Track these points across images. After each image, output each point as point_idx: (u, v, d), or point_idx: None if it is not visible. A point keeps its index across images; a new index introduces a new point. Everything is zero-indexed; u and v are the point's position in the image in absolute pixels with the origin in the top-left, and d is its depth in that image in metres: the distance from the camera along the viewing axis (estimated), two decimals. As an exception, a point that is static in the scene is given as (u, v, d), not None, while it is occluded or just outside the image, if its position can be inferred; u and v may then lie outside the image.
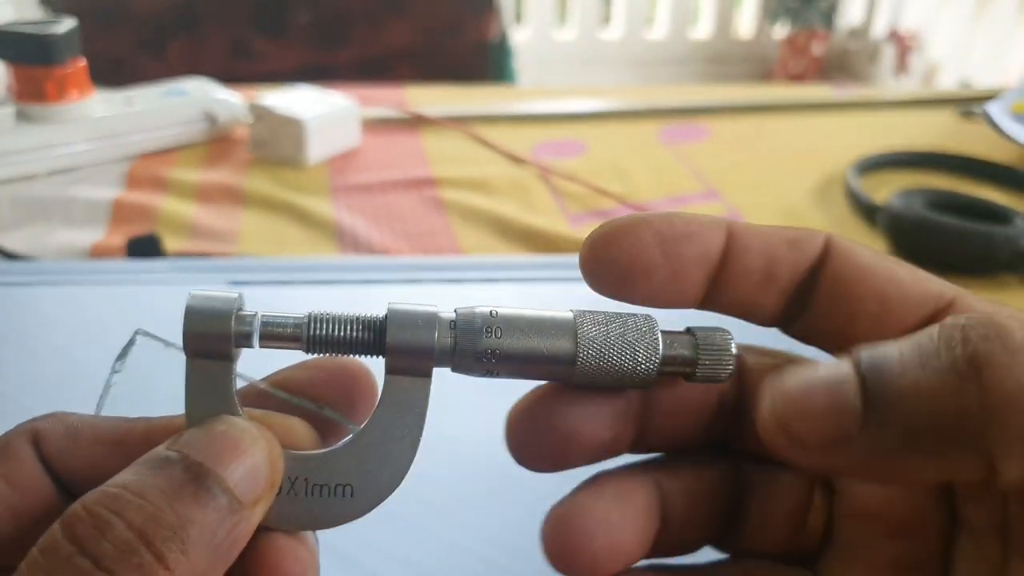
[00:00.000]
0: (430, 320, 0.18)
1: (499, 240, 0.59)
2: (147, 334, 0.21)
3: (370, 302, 0.47)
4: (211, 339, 0.18)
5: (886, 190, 0.61)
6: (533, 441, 0.19)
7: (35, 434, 0.19)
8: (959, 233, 0.53)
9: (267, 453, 0.17)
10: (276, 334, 0.18)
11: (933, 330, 0.16)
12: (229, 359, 0.18)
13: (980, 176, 0.71)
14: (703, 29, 2.93)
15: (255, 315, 0.18)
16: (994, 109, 0.77)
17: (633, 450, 0.21)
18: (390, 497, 0.18)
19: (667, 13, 2.86)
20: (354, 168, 0.69)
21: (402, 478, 0.18)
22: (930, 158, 0.73)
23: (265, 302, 0.19)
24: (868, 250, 0.19)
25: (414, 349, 0.18)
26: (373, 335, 0.18)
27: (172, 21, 1.29)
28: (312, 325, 0.18)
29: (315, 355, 0.19)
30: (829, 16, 2.76)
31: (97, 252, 0.55)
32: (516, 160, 0.72)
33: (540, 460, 0.20)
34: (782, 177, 0.71)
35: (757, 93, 0.92)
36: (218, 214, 0.61)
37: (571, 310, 0.19)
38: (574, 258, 0.19)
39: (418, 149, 0.73)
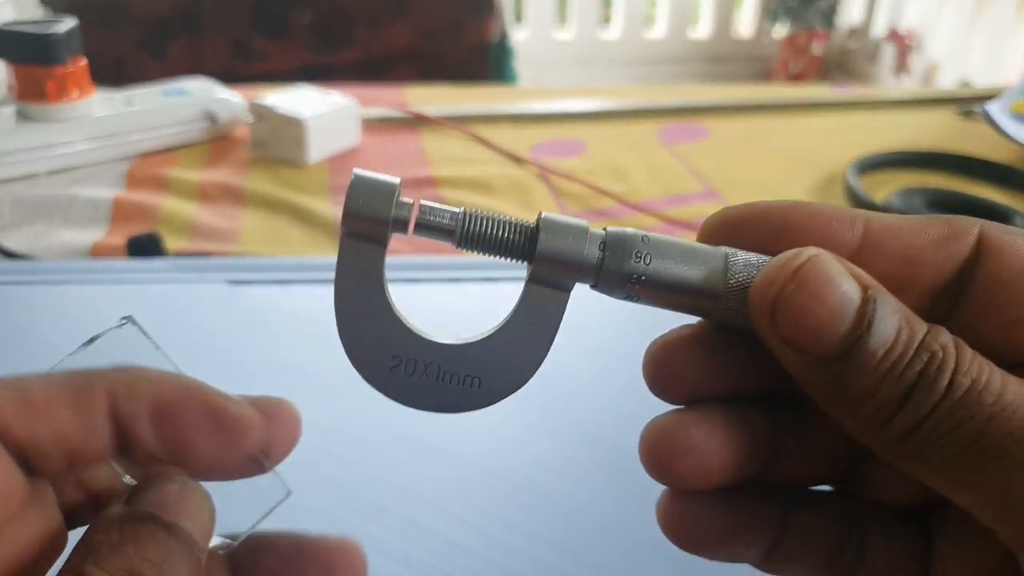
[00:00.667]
0: (581, 234, 0.18)
1: (499, 239, 0.59)
2: (138, 326, 0.20)
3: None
4: (370, 221, 0.18)
5: (886, 189, 0.61)
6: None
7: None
8: (958, 232, 0.53)
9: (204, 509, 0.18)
10: (432, 223, 0.18)
11: None
12: (383, 244, 0.18)
13: (979, 175, 0.71)
14: (703, 29, 2.93)
15: (412, 203, 0.18)
16: (993, 108, 0.77)
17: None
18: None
19: (667, 13, 2.86)
20: (354, 168, 0.69)
21: (527, 380, 0.19)
22: (930, 157, 0.73)
23: (266, 301, 0.19)
24: None
25: (561, 260, 0.18)
26: (524, 240, 0.18)
27: (173, 21, 1.29)
28: (467, 220, 0.18)
29: (465, 249, 0.19)
30: (829, 16, 2.76)
31: (98, 251, 0.55)
32: (516, 160, 0.72)
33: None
34: (781, 176, 0.71)
35: (757, 93, 0.92)
36: (218, 213, 0.61)
37: (724, 248, 0.18)
38: None
39: (418, 149, 0.74)
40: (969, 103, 0.88)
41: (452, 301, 0.46)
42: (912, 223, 0.18)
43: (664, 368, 0.19)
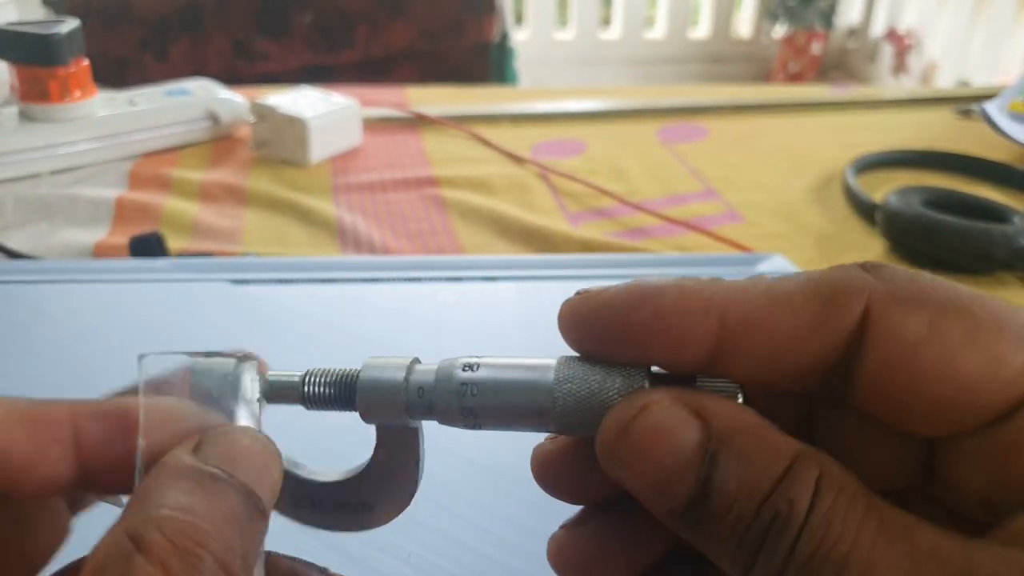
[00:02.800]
0: (397, 387, 0.18)
1: (499, 239, 0.59)
2: (256, 362, 0.20)
3: (371, 300, 0.47)
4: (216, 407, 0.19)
5: (884, 189, 0.61)
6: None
7: None
8: (957, 231, 0.53)
9: (280, 470, 0.17)
10: (280, 396, 0.19)
11: None
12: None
13: (978, 175, 0.71)
14: (702, 29, 2.93)
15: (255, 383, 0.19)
16: (992, 108, 0.77)
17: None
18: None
19: (666, 13, 2.86)
20: (356, 167, 0.69)
21: (409, 502, 0.19)
22: (928, 157, 0.73)
23: (268, 300, 0.19)
24: (923, 316, 0.15)
25: (382, 410, 0.18)
26: (349, 394, 0.18)
27: (175, 22, 1.29)
28: (305, 385, 0.19)
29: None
30: (828, 16, 2.76)
31: (100, 251, 0.55)
32: (516, 159, 0.72)
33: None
34: (781, 176, 0.71)
35: (756, 93, 0.92)
36: (220, 213, 0.61)
37: (555, 360, 0.17)
38: (574, 257, 0.19)
39: (419, 149, 0.74)
40: (967, 103, 0.88)
41: (453, 300, 0.46)
42: (779, 305, 0.15)
43: (549, 476, 0.19)
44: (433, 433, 0.19)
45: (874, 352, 0.15)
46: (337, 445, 0.30)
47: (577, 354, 0.17)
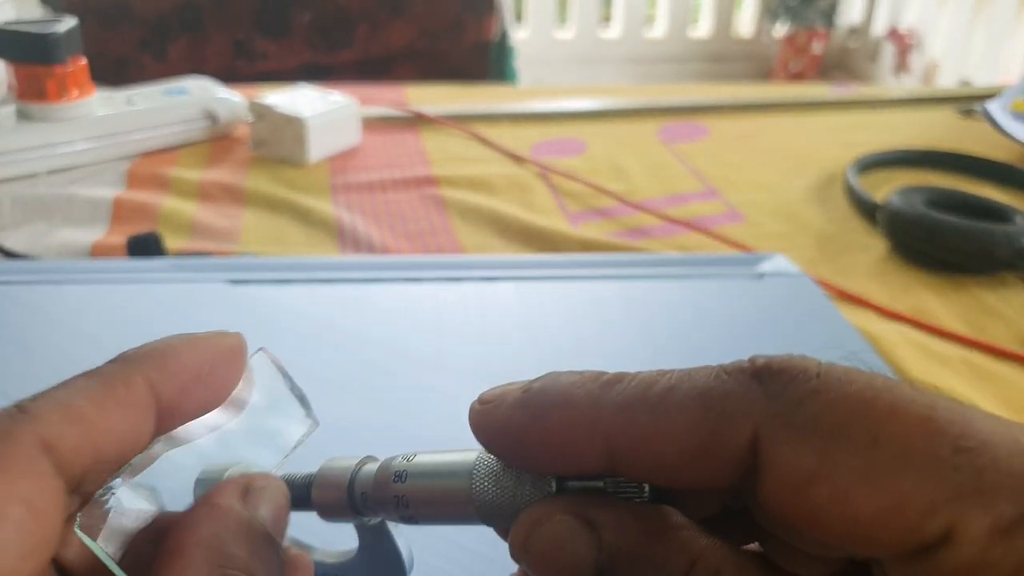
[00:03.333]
0: (342, 492, 0.19)
1: (499, 239, 0.59)
2: (269, 356, 0.20)
3: (370, 300, 0.47)
4: None
5: (886, 188, 0.61)
6: None
7: (44, 440, 0.15)
8: (959, 231, 0.53)
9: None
10: None
11: None
12: None
13: (980, 174, 0.71)
14: (703, 28, 2.93)
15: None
16: (994, 107, 0.77)
17: None
18: None
19: (667, 12, 2.85)
20: (354, 167, 0.69)
21: (406, 573, 0.21)
22: (930, 156, 0.73)
23: (267, 300, 0.19)
24: (813, 446, 0.13)
25: (339, 513, 0.20)
26: (304, 496, 0.20)
27: (173, 21, 1.29)
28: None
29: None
30: (829, 15, 2.76)
31: (98, 251, 0.55)
32: (516, 159, 0.72)
33: None
34: (782, 175, 0.71)
35: (757, 92, 0.92)
36: (219, 213, 0.61)
37: (475, 459, 0.18)
38: (574, 256, 0.19)
39: (418, 148, 0.74)
40: (969, 102, 0.88)
41: (452, 300, 0.46)
42: (663, 428, 0.14)
43: None
44: (435, 434, 0.19)
45: (766, 484, 0.14)
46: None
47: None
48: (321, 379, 0.20)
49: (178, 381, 0.17)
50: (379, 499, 0.19)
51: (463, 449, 0.18)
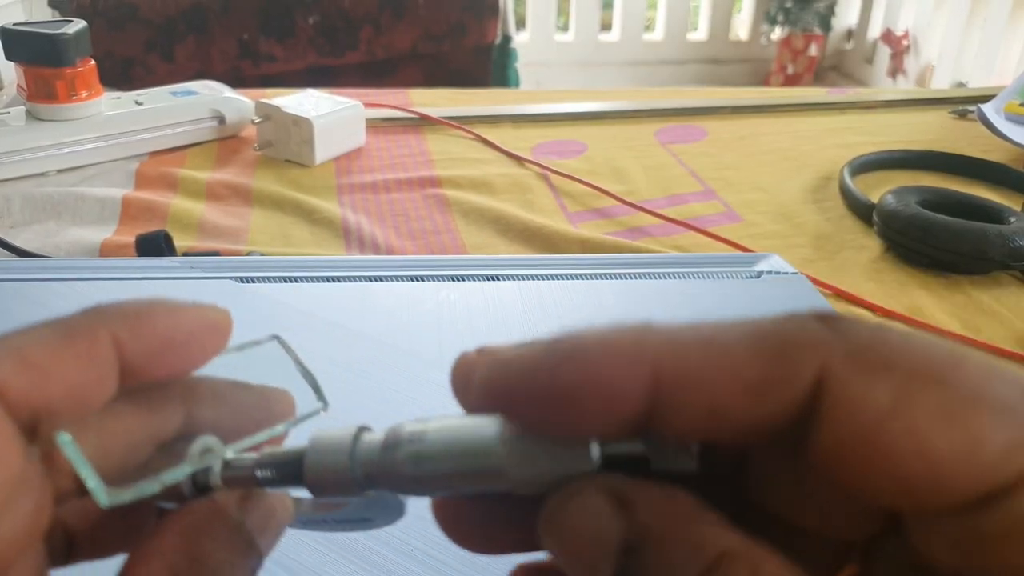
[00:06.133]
0: (344, 468, 0.17)
1: (501, 238, 0.60)
2: (283, 344, 0.20)
3: (375, 298, 0.48)
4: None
5: (881, 189, 0.62)
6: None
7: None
8: (953, 231, 0.54)
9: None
10: (237, 480, 0.18)
11: None
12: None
13: (974, 175, 0.72)
14: (701, 31, 2.94)
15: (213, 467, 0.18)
16: (988, 109, 0.78)
17: None
18: None
19: (665, 16, 2.86)
20: (359, 167, 0.70)
21: (401, 511, 0.19)
22: (924, 158, 0.74)
23: (273, 298, 0.19)
24: (890, 384, 0.12)
25: (338, 490, 0.18)
26: (294, 472, 0.18)
27: (180, 23, 1.30)
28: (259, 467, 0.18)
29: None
30: (826, 18, 2.77)
31: (107, 250, 0.56)
32: (517, 160, 0.73)
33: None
34: (778, 176, 0.72)
35: (754, 94, 0.93)
36: (226, 212, 0.62)
37: (500, 439, 0.16)
38: (575, 257, 0.20)
39: (422, 149, 0.74)
40: (963, 104, 0.89)
41: (455, 299, 0.47)
42: (717, 360, 0.13)
43: (452, 526, 0.18)
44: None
45: (831, 423, 0.13)
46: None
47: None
48: (325, 375, 0.21)
49: (146, 344, 0.16)
50: (387, 476, 0.17)
51: (478, 422, 0.16)
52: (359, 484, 0.17)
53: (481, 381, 0.15)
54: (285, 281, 0.49)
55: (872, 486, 0.13)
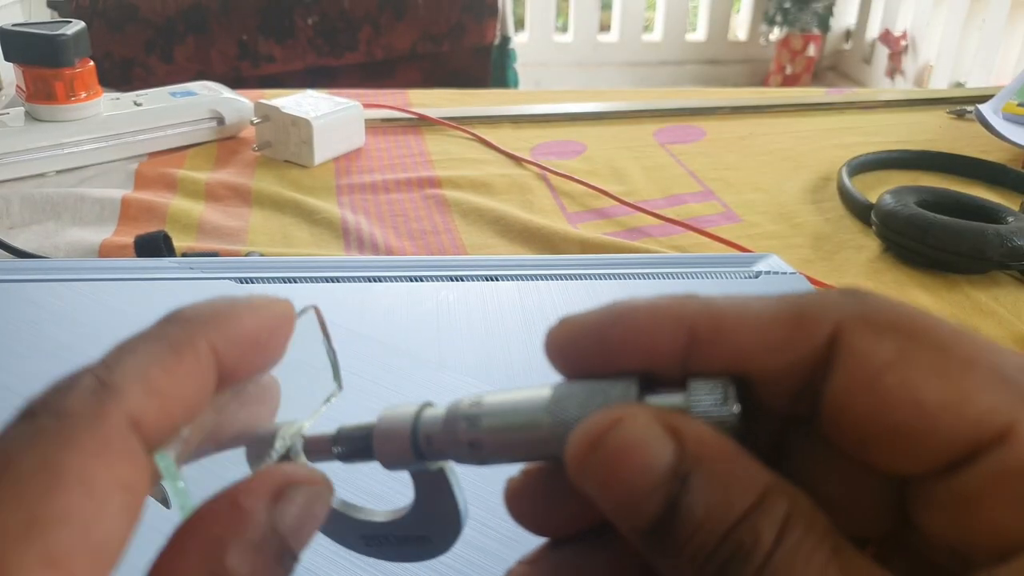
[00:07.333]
0: (404, 440, 0.19)
1: (500, 239, 0.60)
2: (318, 316, 0.20)
3: (374, 299, 0.48)
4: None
5: (879, 189, 0.62)
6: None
7: (132, 417, 0.14)
8: (951, 231, 0.54)
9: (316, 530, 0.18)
10: (317, 455, 0.20)
11: None
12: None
13: (972, 175, 0.72)
14: (699, 32, 2.94)
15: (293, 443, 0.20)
16: (986, 109, 0.78)
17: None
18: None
19: (664, 16, 2.86)
20: (359, 168, 0.70)
21: (461, 530, 0.20)
22: (922, 158, 0.74)
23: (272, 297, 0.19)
24: (892, 341, 0.14)
25: (402, 460, 0.19)
26: (365, 446, 0.20)
27: (180, 23, 1.30)
28: (336, 440, 0.20)
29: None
30: (824, 19, 2.77)
31: (106, 250, 0.56)
32: (516, 160, 0.73)
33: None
34: (777, 177, 0.72)
35: (752, 94, 0.93)
36: (225, 213, 0.62)
37: (551, 387, 0.17)
38: (574, 257, 0.20)
39: (421, 150, 0.74)
40: (961, 104, 0.89)
41: (454, 299, 0.47)
42: (747, 320, 0.15)
43: (521, 507, 0.18)
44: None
45: (840, 374, 0.14)
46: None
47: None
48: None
49: (238, 346, 0.16)
50: (448, 442, 0.18)
51: (533, 386, 0.17)
52: (421, 453, 0.19)
53: (554, 334, 0.17)
54: (284, 282, 0.49)
55: (871, 435, 0.14)
